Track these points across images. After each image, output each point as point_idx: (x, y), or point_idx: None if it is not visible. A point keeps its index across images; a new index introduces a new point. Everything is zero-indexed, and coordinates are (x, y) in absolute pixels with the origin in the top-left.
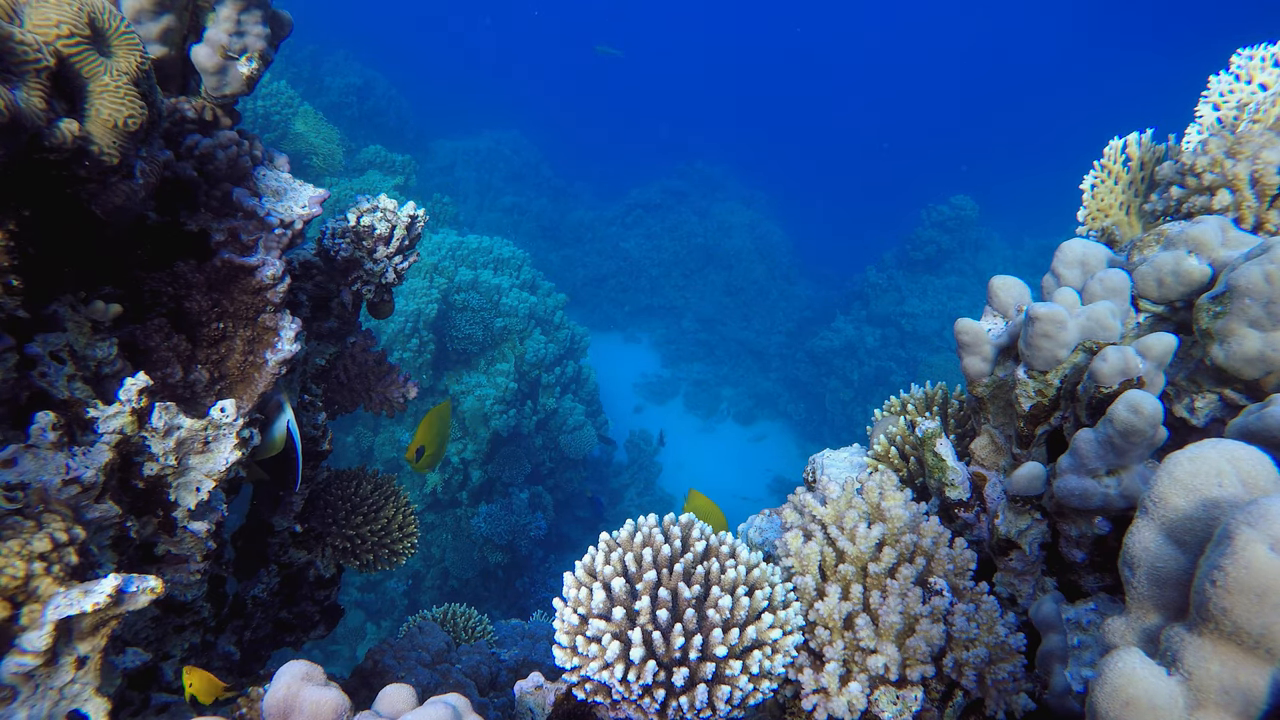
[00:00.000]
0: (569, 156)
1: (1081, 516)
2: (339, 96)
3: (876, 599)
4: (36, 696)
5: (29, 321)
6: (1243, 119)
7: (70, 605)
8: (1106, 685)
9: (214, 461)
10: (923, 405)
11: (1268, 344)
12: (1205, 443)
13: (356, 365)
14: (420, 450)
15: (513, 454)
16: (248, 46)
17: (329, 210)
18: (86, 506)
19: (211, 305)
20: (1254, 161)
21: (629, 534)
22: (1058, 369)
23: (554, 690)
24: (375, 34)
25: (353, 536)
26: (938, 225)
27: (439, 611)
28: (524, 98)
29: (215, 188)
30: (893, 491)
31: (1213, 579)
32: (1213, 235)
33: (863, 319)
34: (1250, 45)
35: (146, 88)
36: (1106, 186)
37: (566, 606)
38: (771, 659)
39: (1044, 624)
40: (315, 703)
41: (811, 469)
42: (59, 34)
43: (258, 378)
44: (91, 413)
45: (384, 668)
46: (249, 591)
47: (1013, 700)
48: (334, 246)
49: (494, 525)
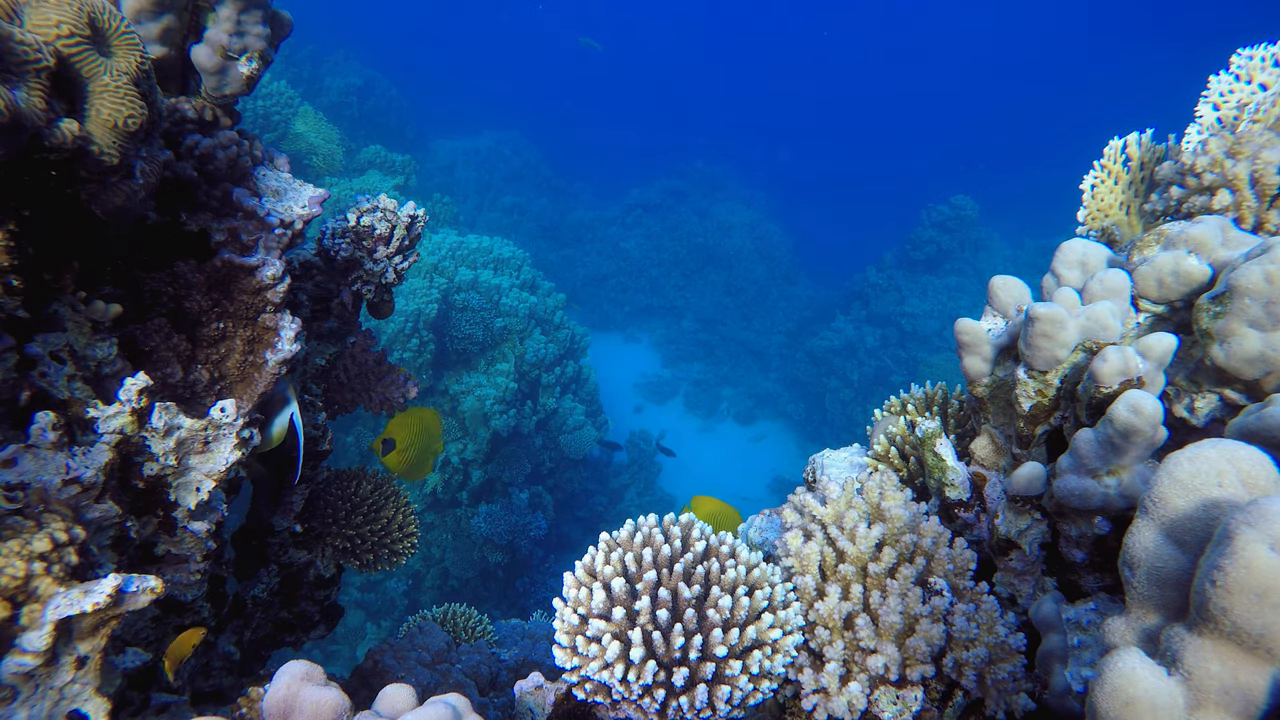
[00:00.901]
0: (569, 156)
1: (1081, 516)
2: (339, 96)
3: (876, 599)
4: (36, 696)
5: (29, 321)
6: (1243, 119)
7: (70, 605)
8: (1106, 685)
9: (214, 461)
10: (923, 405)
11: (1268, 344)
12: (1205, 443)
13: (356, 365)
14: (390, 444)
15: (513, 454)
16: (248, 46)
17: (329, 210)
18: (86, 506)
19: (211, 305)
20: (1254, 161)
21: (629, 534)
22: (1058, 369)
23: (554, 690)
24: (375, 34)
25: (353, 536)
26: (938, 225)
27: (439, 611)
28: (524, 98)
29: (215, 188)
30: (893, 491)
31: (1213, 579)
32: (1213, 235)
33: (863, 319)
34: (1250, 45)
35: (146, 88)
36: (1106, 186)
37: (566, 606)
38: (771, 659)
39: (1044, 624)
40: (315, 703)
41: (811, 469)
42: (59, 34)
43: (258, 378)
44: (91, 413)
45: (384, 668)
46: (249, 591)
47: (1013, 700)
48: (334, 246)
49: (494, 525)
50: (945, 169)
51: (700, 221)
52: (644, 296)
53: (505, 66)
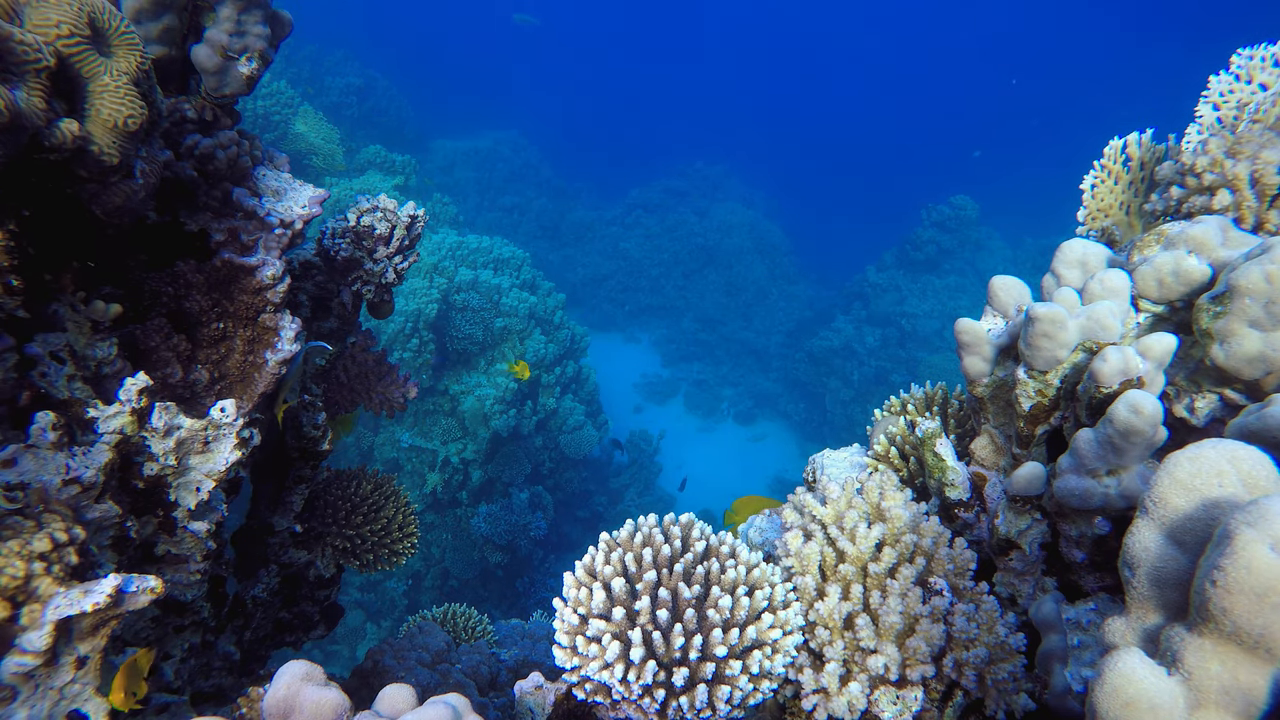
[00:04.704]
0: (569, 156)
1: (1081, 516)
2: (339, 96)
3: (876, 599)
4: (36, 696)
5: (29, 321)
6: (1243, 119)
7: (70, 605)
8: (1106, 685)
9: (214, 461)
10: (923, 405)
11: (1268, 344)
12: (1205, 443)
13: (356, 365)
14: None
15: (513, 454)
16: (248, 46)
17: (329, 210)
18: (86, 506)
19: (211, 305)
20: (1254, 161)
21: (629, 534)
22: (1058, 369)
23: (554, 690)
24: (375, 34)
25: (353, 536)
26: (938, 225)
27: (439, 611)
28: (524, 98)
29: (215, 188)
30: (893, 491)
31: (1213, 579)
32: (1213, 235)
33: (863, 319)
34: (1250, 45)
35: (146, 88)
36: (1106, 186)
37: (566, 606)
38: (771, 659)
39: (1044, 624)
40: (315, 703)
41: (811, 469)
42: (59, 34)
43: (258, 378)
44: (91, 413)
45: (384, 668)
46: (249, 591)
47: (1013, 700)
48: (334, 246)
49: (494, 525)
50: (945, 169)
51: (700, 221)
52: (644, 296)
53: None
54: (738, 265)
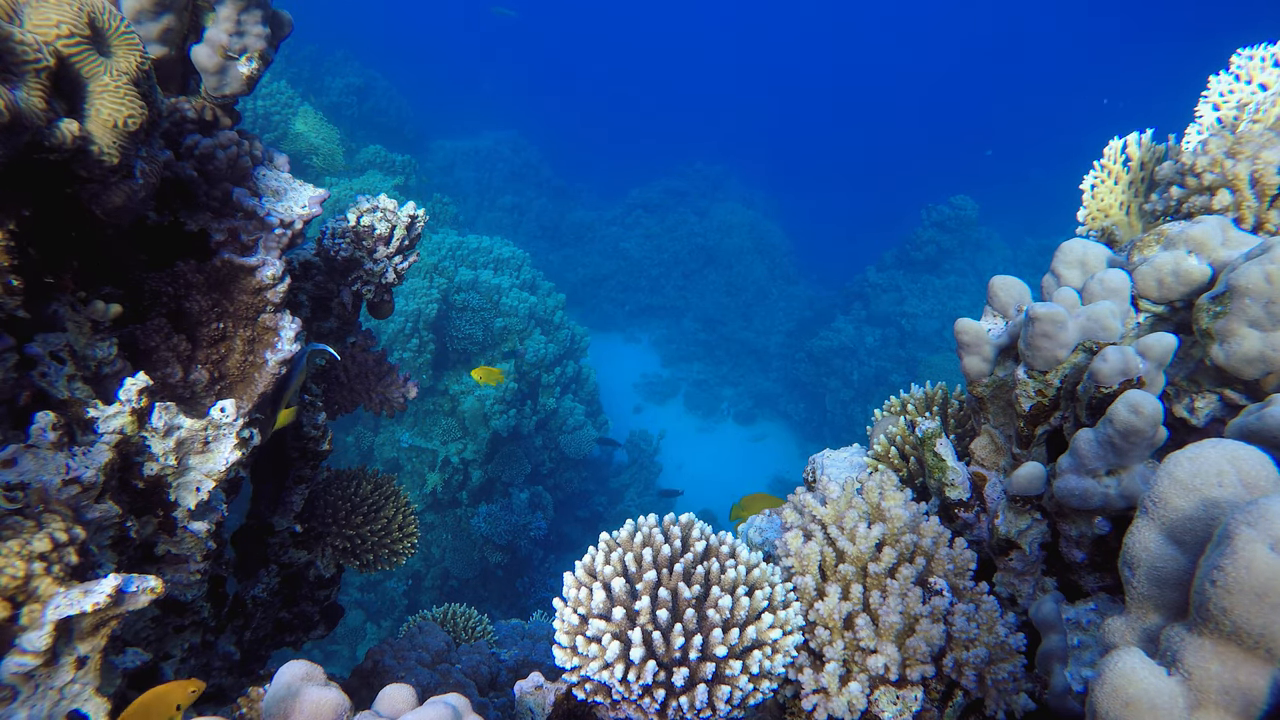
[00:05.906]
0: (569, 156)
1: (1081, 516)
2: (339, 96)
3: (876, 599)
4: (36, 696)
5: (29, 321)
6: (1243, 119)
7: (70, 605)
8: (1106, 685)
9: (214, 461)
10: (923, 405)
11: (1268, 344)
12: (1205, 443)
13: (356, 365)
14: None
15: (513, 454)
16: (248, 46)
17: (329, 210)
18: (86, 506)
19: (211, 305)
20: (1254, 161)
21: (629, 534)
22: (1058, 369)
23: (554, 690)
24: (375, 34)
25: (353, 536)
26: (938, 225)
27: (439, 611)
28: (524, 97)
29: (215, 188)
30: (893, 491)
31: (1213, 579)
32: (1213, 235)
33: (863, 319)
34: (1250, 45)
35: (146, 88)
36: (1106, 186)
37: (566, 606)
38: (771, 659)
39: (1044, 624)
40: (315, 703)
41: (811, 469)
42: (59, 34)
43: (258, 378)
44: (91, 413)
45: (384, 668)
46: (249, 591)
47: (1013, 700)
48: (334, 246)
49: (494, 525)
50: (946, 169)
51: (700, 221)
52: (644, 296)
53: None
54: (738, 265)
